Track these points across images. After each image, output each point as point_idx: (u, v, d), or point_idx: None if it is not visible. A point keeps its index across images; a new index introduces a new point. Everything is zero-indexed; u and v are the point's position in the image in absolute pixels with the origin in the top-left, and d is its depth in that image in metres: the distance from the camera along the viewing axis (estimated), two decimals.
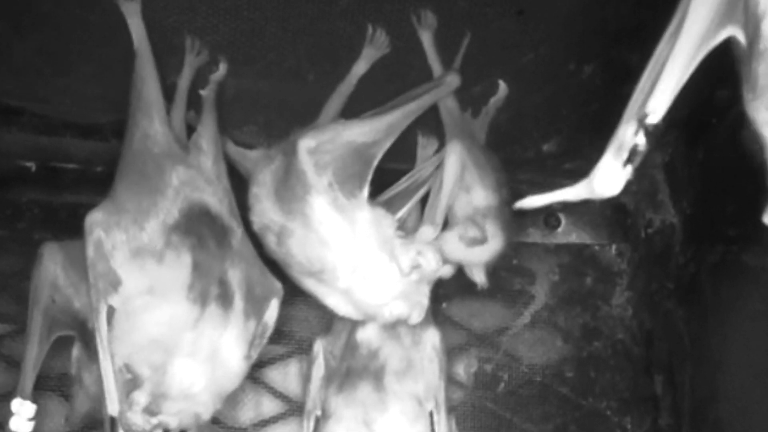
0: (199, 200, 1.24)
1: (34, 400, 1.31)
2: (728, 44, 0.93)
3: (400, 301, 1.26)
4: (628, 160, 0.92)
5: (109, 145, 1.38)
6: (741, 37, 0.89)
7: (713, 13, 0.90)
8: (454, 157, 1.31)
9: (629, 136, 0.92)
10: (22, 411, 1.23)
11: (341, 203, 1.24)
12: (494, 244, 1.33)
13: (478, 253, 1.32)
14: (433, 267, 1.27)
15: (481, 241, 1.31)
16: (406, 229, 1.32)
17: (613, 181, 0.93)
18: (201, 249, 1.21)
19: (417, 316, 1.27)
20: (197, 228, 1.22)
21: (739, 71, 0.90)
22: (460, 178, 1.32)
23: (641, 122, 0.91)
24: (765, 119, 0.86)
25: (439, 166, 1.34)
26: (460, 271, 1.35)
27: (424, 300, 1.28)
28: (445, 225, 1.33)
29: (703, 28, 0.90)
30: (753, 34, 0.86)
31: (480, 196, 1.33)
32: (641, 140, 0.91)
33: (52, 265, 1.25)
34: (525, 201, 1.06)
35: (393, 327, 1.30)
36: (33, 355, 1.25)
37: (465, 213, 1.34)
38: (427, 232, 1.30)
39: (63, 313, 1.26)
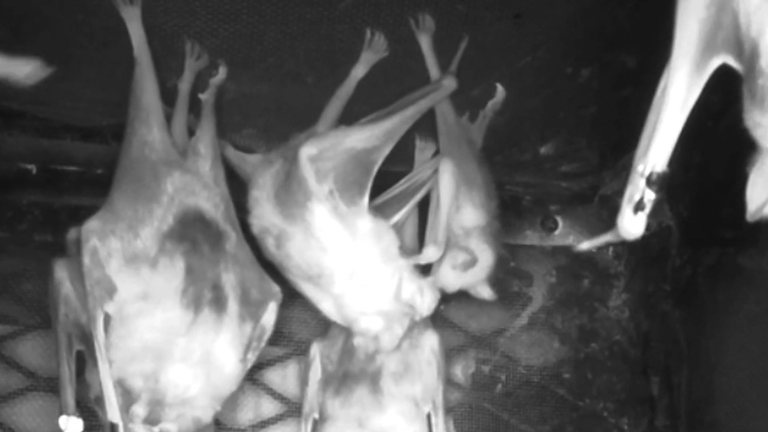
0: (193, 206, 1.25)
1: (36, 402, 1.33)
2: None
3: (380, 318, 1.26)
4: (638, 208, 0.98)
5: (109, 148, 1.38)
6: (732, 62, 0.91)
7: (696, 55, 0.92)
8: (448, 176, 1.31)
9: (635, 188, 0.97)
10: (70, 426, 1.23)
11: (341, 211, 1.24)
12: (484, 259, 1.33)
13: (475, 273, 1.33)
14: (424, 312, 1.28)
15: (473, 262, 1.31)
16: (404, 244, 1.33)
17: (632, 226, 0.99)
18: (194, 254, 1.22)
19: (387, 343, 1.27)
20: (191, 233, 1.23)
21: (741, 93, 0.91)
22: (456, 196, 1.32)
23: (643, 174, 0.96)
24: None
25: (437, 171, 1.34)
26: None
27: (400, 331, 1.27)
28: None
29: (688, 72, 0.93)
30: (752, 54, 0.87)
31: (470, 214, 1.34)
32: (647, 190, 0.97)
33: (61, 281, 1.25)
34: (578, 247, 1.24)
35: None
36: (65, 371, 1.24)
37: (452, 232, 1.34)
38: (431, 251, 1.30)
39: (75, 327, 1.25)
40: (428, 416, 1.30)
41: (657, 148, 0.95)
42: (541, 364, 1.46)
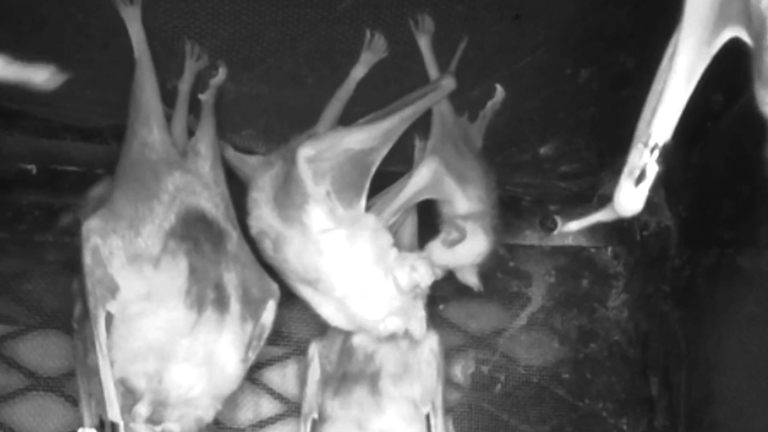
0: (194, 205, 1.25)
1: (36, 401, 1.34)
2: (724, 48, 0.93)
3: (396, 317, 1.26)
4: (639, 180, 0.94)
5: (109, 148, 1.39)
6: (744, 36, 0.88)
7: (707, 23, 0.89)
8: (426, 171, 1.30)
9: (637, 158, 0.93)
10: None
11: (339, 213, 1.24)
12: (476, 243, 1.32)
13: (462, 254, 1.32)
14: (428, 282, 1.27)
15: (460, 239, 1.31)
16: (400, 243, 1.33)
17: (631, 202, 0.95)
18: (197, 254, 1.22)
19: (419, 329, 1.27)
20: (193, 233, 1.23)
21: (748, 70, 0.87)
22: (426, 192, 1.32)
23: (647, 144, 0.93)
24: None
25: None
26: None
27: (420, 313, 1.28)
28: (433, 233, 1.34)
29: (698, 39, 0.90)
30: (759, 29, 0.84)
31: (463, 206, 1.33)
32: (650, 162, 0.93)
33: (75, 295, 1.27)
34: (564, 228, 1.12)
35: None
36: (83, 382, 1.27)
37: (449, 217, 1.34)
38: (369, 219, 1.27)
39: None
40: (427, 417, 1.30)
41: (661, 119, 0.91)
42: (540, 364, 1.47)
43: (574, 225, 1.09)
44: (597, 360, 1.47)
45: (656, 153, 0.92)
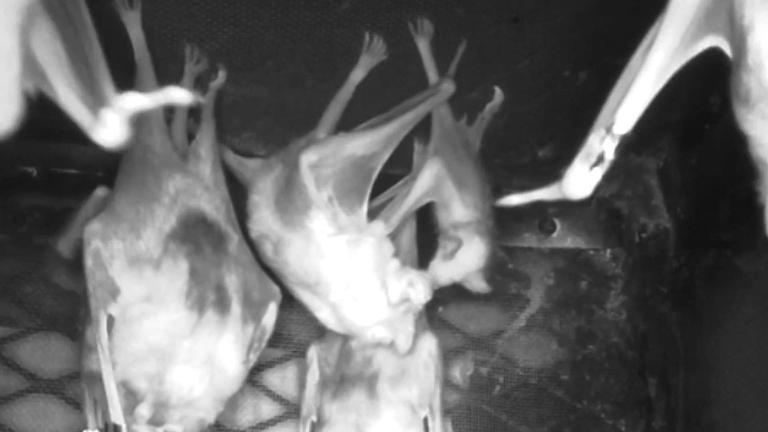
0: (195, 208, 1.26)
1: (36, 403, 1.34)
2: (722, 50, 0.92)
3: (384, 327, 1.26)
4: (595, 166, 0.94)
5: (110, 151, 1.39)
6: (726, 47, 0.87)
7: (689, 25, 0.88)
8: (430, 173, 1.30)
9: (597, 143, 0.93)
10: None
11: (341, 219, 1.25)
12: (474, 247, 1.33)
13: (465, 262, 1.33)
14: (422, 300, 1.26)
15: (458, 248, 1.31)
16: (399, 246, 1.33)
17: (581, 184, 0.95)
18: (197, 256, 1.22)
19: (404, 344, 1.27)
20: (194, 235, 1.23)
21: (728, 83, 0.87)
22: (428, 194, 1.32)
23: (609, 131, 0.93)
24: (762, 132, 0.85)
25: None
26: None
27: (410, 327, 1.27)
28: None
29: (677, 40, 0.89)
30: (740, 46, 0.84)
31: (459, 211, 1.34)
32: (608, 149, 0.93)
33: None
34: (504, 200, 1.10)
35: None
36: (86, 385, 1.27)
37: (443, 228, 1.34)
38: (377, 226, 1.27)
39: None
40: (425, 420, 1.29)
41: (626, 109, 0.91)
42: (539, 365, 1.47)
43: (515, 199, 1.08)
44: (595, 361, 1.47)
45: (616, 142, 0.92)
